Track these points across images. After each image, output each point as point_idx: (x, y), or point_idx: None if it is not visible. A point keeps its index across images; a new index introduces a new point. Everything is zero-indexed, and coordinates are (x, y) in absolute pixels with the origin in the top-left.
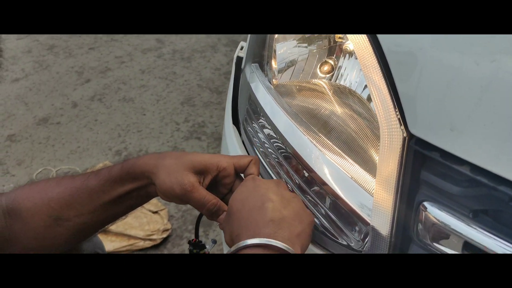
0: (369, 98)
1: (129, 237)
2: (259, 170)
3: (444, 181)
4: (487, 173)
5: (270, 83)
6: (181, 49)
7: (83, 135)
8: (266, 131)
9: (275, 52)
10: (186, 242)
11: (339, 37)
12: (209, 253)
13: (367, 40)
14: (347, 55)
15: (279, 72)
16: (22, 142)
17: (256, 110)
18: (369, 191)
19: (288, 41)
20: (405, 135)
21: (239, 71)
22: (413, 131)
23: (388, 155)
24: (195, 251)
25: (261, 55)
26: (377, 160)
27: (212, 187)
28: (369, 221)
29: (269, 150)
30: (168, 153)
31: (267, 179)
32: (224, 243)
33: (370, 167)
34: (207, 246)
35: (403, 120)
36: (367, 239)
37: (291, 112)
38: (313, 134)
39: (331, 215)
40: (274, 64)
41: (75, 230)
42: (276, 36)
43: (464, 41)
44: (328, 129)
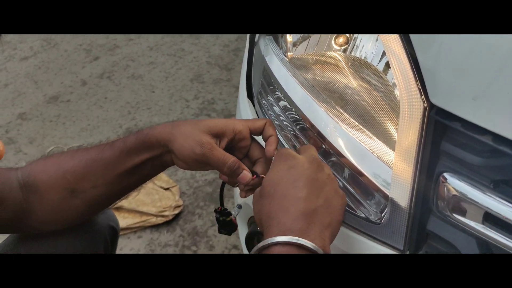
0: (385, 70)
1: (142, 213)
2: (276, 131)
3: (464, 151)
4: (509, 143)
5: (285, 56)
6: None
7: (93, 112)
8: (281, 103)
9: None
10: (197, 218)
11: None
12: (236, 219)
13: None
14: None
15: (293, 45)
16: (33, 120)
17: (271, 83)
18: (387, 163)
19: None
20: (425, 105)
21: (253, 44)
22: (434, 101)
23: (408, 126)
24: (221, 218)
25: None
26: (397, 131)
27: (228, 152)
28: (387, 193)
29: (284, 123)
30: (182, 121)
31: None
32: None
33: (387, 139)
34: (233, 212)
35: (423, 90)
36: (385, 211)
37: (307, 85)
38: (329, 106)
39: (349, 187)
40: (288, 37)
41: (91, 202)
42: None
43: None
44: (343, 102)
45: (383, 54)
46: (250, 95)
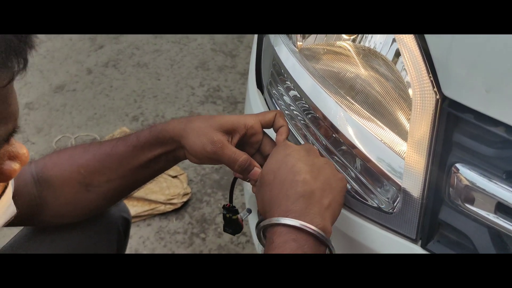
0: (394, 59)
1: (150, 201)
2: (286, 121)
3: (477, 142)
4: None
5: (295, 46)
6: None
7: (99, 101)
8: (291, 93)
9: None
10: (206, 206)
11: None
12: (243, 220)
13: None
14: None
15: (303, 35)
16: (40, 110)
17: (280, 73)
18: (398, 153)
19: None
20: (438, 97)
21: (262, 35)
22: (446, 93)
23: (421, 117)
24: (228, 215)
25: None
26: (408, 122)
27: (240, 148)
28: (400, 183)
29: (294, 112)
30: (195, 117)
31: (297, 144)
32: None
33: (397, 129)
34: (241, 213)
35: (435, 82)
36: (397, 201)
37: (317, 75)
38: (340, 97)
39: (360, 177)
40: None
41: (105, 196)
42: None
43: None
44: (354, 92)
45: (393, 41)
46: (259, 85)
